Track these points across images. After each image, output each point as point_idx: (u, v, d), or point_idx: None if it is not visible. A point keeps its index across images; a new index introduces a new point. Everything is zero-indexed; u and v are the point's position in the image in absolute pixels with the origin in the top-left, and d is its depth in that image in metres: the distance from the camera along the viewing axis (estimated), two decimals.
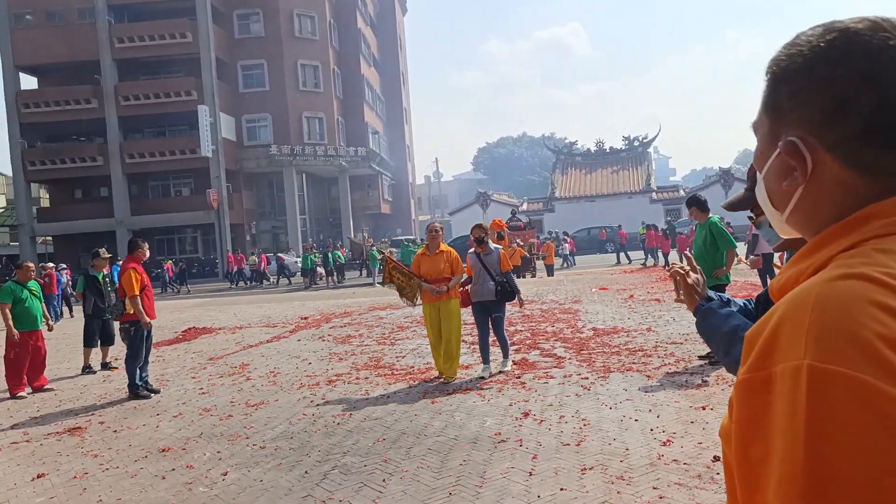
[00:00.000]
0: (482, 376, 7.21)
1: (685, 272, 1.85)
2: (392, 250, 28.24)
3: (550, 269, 23.67)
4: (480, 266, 7.36)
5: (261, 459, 5.08)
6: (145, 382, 7.85)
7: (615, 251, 29.41)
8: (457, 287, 7.35)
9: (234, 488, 4.52)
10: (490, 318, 7.40)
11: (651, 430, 5.01)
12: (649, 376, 6.76)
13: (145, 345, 7.87)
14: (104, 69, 38.17)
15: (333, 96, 44.03)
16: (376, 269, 24.21)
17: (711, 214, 7.36)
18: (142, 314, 7.70)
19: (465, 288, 7.45)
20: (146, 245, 8.20)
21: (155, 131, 41.16)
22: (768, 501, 0.57)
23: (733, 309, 1.73)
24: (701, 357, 7.30)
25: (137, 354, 7.75)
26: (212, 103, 37.29)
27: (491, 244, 7.58)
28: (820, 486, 0.53)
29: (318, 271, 27.19)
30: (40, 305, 8.86)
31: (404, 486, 4.28)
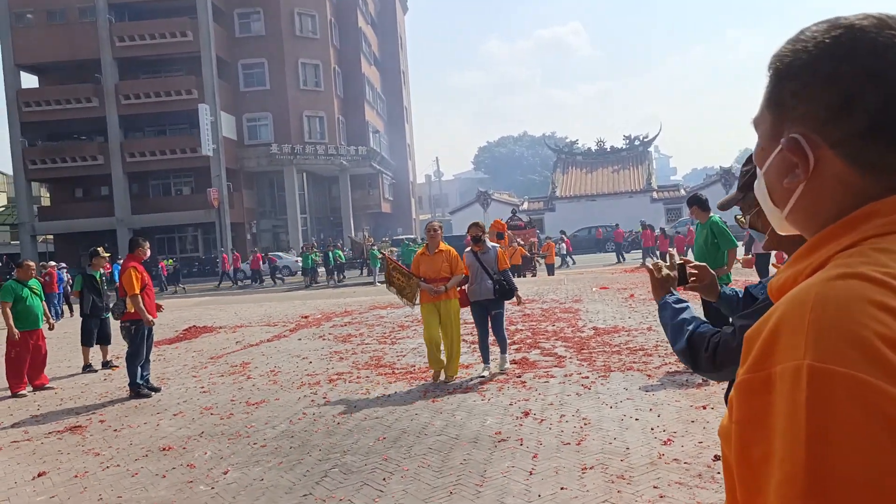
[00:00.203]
0: (482, 376, 7.21)
1: (658, 268, 2.06)
2: (392, 249, 28.26)
3: (551, 269, 23.71)
4: (478, 265, 7.33)
5: (261, 458, 5.08)
6: (146, 381, 7.85)
7: (615, 250, 29.44)
8: (455, 287, 7.34)
9: (235, 487, 4.52)
10: (489, 316, 7.39)
11: (652, 430, 5.01)
12: (650, 375, 6.76)
13: (146, 343, 7.88)
14: (105, 68, 38.20)
15: (334, 95, 44.03)
16: (377, 268, 24.21)
17: (712, 214, 7.34)
18: (143, 312, 7.70)
19: (464, 288, 7.43)
20: (147, 244, 8.21)
21: (155, 130, 41.19)
22: (769, 502, 0.57)
23: (689, 305, 1.96)
24: None
25: (138, 353, 7.75)
26: (212, 102, 37.30)
27: (488, 242, 7.55)
28: (820, 487, 0.53)
29: (319, 271, 27.24)
30: (41, 304, 8.86)
31: (405, 485, 4.28)
